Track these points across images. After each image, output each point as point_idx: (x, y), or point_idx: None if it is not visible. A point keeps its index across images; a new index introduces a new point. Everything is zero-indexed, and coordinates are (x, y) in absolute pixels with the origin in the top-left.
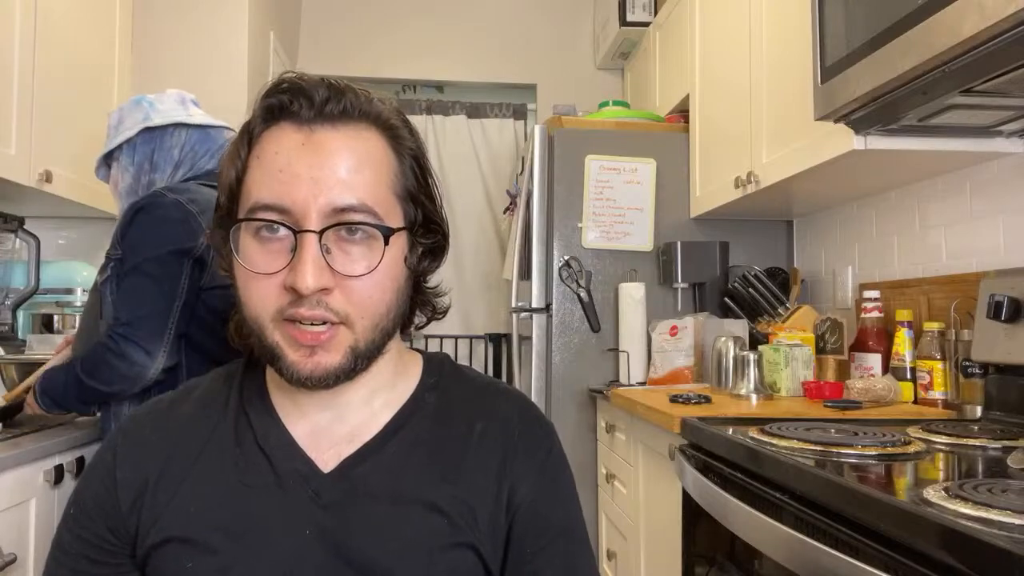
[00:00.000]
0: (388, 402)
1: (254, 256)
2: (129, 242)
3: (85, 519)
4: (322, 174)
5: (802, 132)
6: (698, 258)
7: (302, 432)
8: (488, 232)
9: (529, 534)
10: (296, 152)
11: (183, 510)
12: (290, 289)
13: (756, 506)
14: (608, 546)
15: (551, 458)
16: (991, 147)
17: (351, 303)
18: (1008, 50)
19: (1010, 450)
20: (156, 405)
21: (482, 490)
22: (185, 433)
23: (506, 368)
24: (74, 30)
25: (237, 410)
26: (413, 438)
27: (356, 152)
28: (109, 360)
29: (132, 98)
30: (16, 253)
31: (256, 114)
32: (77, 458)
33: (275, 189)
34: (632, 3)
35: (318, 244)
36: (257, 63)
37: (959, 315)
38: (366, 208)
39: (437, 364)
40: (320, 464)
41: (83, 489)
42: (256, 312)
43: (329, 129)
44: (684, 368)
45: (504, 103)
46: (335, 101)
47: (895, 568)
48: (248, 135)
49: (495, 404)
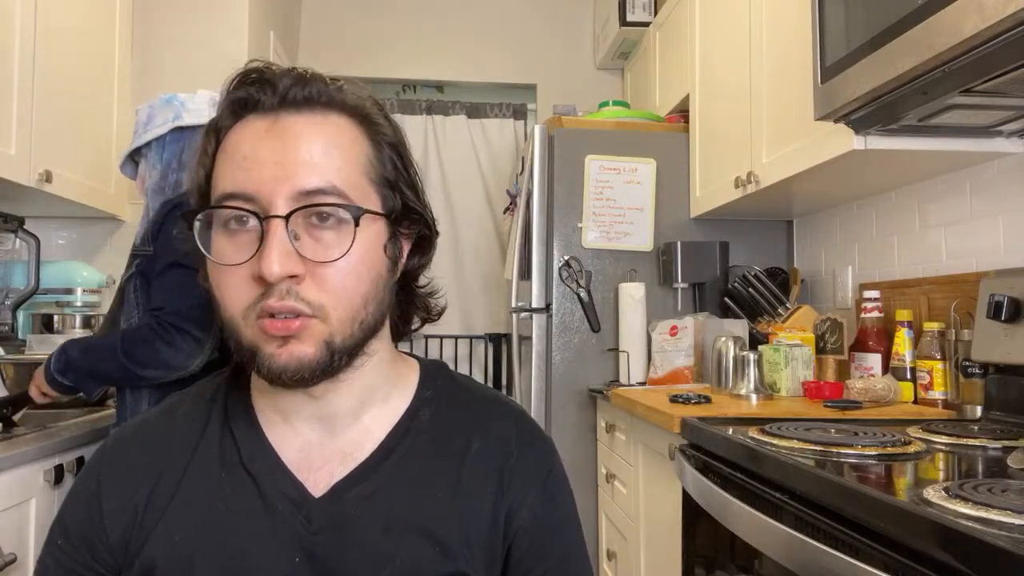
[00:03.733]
0: (381, 416)
1: (224, 249)
2: (165, 239)
3: (70, 548)
4: (286, 157)
5: (802, 132)
6: (698, 258)
7: (291, 450)
8: (488, 232)
9: (528, 559)
10: (260, 139)
11: (167, 538)
12: (259, 279)
13: (756, 506)
14: (608, 546)
15: (551, 479)
16: (991, 147)
17: (324, 291)
18: (1008, 50)
19: (1010, 450)
20: (142, 425)
21: (478, 514)
22: (171, 455)
23: (506, 368)
24: (74, 30)
25: (222, 428)
26: (408, 459)
27: (323, 136)
28: (155, 344)
29: (163, 96)
30: (16, 253)
31: (222, 110)
32: (77, 458)
33: (240, 177)
34: (632, 3)
35: (285, 229)
36: None
37: (959, 315)
38: (335, 191)
39: (433, 374)
40: (310, 486)
41: (68, 517)
42: (230, 310)
43: (295, 115)
44: (684, 368)
45: (504, 103)
46: (300, 87)
47: (895, 568)
48: (215, 132)
49: (492, 421)
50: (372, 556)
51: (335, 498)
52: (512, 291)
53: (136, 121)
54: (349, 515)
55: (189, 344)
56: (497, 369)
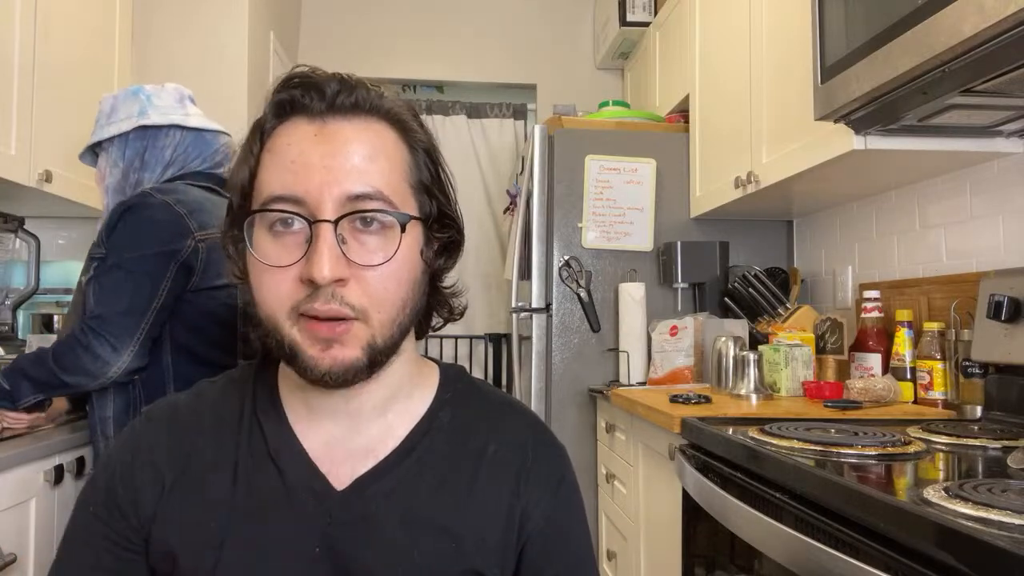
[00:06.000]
0: (404, 414)
1: (268, 250)
2: (114, 241)
3: (107, 515)
4: (335, 163)
5: (802, 132)
6: (698, 258)
7: (316, 443)
8: (488, 232)
9: (540, 561)
10: (309, 142)
11: (191, 523)
12: (306, 282)
13: (756, 506)
14: (608, 546)
15: (564, 485)
16: (991, 147)
17: (367, 295)
18: (1008, 50)
19: (1010, 450)
20: (171, 408)
21: (493, 514)
22: (200, 440)
23: (506, 368)
24: (74, 30)
25: (250, 419)
26: (427, 457)
27: (369, 142)
28: (76, 350)
29: (130, 87)
30: (16, 253)
31: (267, 110)
32: (77, 458)
33: (288, 180)
34: (632, 3)
35: (334, 233)
36: (257, 63)
37: (959, 315)
38: (381, 196)
39: (453, 377)
40: (333, 480)
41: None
42: (271, 309)
43: (341, 120)
44: (684, 368)
45: (504, 103)
46: (347, 94)
47: (895, 568)
48: (260, 132)
49: (509, 425)
50: (390, 551)
51: (357, 492)
52: (512, 291)
53: (99, 111)
54: (369, 510)
55: (106, 351)
56: (497, 369)
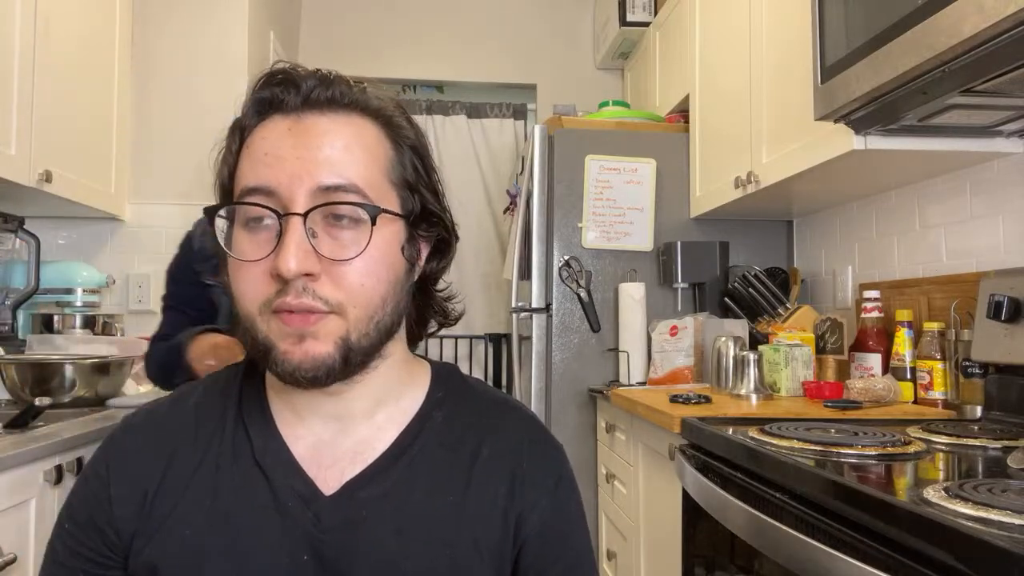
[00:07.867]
0: (393, 416)
1: (242, 246)
2: None
3: (78, 531)
4: (308, 154)
5: (802, 132)
6: (698, 258)
7: (303, 447)
8: (488, 232)
9: (539, 564)
10: (282, 136)
11: (176, 530)
12: (276, 276)
13: (756, 506)
14: (608, 546)
15: (561, 485)
16: (991, 147)
17: (341, 289)
18: (1008, 50)
19: (1010, 450)
20: (152, 414)
21: (488, 519)
22: (182, 445)
23: (506, 368)
24: (74, 30)
25: (235, 421)
26: (419, 461)
27: (344, 135)
28: None
29: None
30: (16, 253)
31: (246, 109)
32: (77, 458)
33: (261, 172)
34: (632, 3)
35: (303, 227)
36: (257, 63)
37: (959, 315)
38: (356, 189)
39: (445, 376)
40: (321, 484)
41: (76, 501)
42: (246, 306)
43: (318, 115)
44: (684, 368)
45: (504, 103)
46: (323, 88)
47: (895, 568)
48: (240, 130)
49: (503, 425)
50: (380, 558)
51: (346, 497)
52: (512, 291)
53: None
54: (359, 515)
55: None
56: (497, 369)
